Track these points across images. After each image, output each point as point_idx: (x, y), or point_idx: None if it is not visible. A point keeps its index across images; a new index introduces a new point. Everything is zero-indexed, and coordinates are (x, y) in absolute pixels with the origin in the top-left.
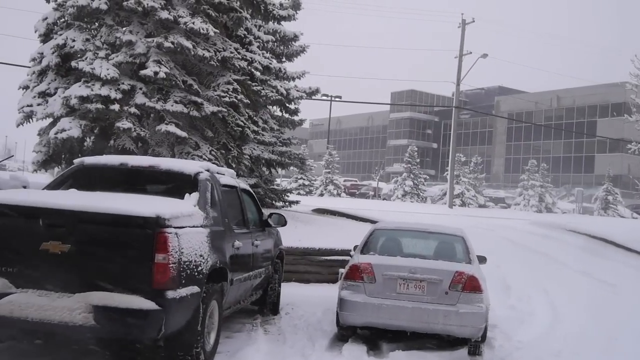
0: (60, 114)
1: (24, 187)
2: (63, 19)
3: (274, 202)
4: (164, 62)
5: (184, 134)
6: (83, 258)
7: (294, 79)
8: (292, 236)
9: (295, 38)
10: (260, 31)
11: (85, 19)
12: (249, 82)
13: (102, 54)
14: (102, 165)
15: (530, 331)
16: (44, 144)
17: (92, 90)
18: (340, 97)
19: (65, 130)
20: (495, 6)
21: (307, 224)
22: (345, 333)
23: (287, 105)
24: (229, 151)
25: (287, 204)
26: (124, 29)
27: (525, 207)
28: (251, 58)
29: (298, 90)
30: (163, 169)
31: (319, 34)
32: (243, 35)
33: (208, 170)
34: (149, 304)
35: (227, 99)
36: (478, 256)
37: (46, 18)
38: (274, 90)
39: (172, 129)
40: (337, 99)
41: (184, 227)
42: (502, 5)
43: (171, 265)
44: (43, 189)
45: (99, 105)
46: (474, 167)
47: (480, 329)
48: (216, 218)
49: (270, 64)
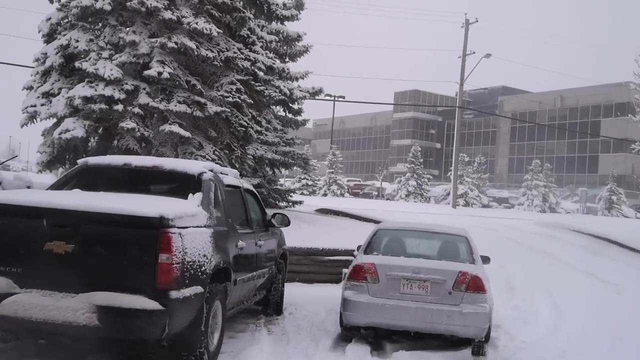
0: (63, 114)
1: (28, 187)
2: (67, 20)
3: (277, 202)
4: (167, 63)
5: (187, 134)
6: (87, 258)
7: (297, 79)
8: (296, 236)
9: (299, 38)
10: (264, 31)
11: (89, 19)
12: (253, 82)
13: (106, 54)
14: (106, 165)
15: (534, 331)
16: (48, 144)
17: (96, 90)
18: (343, 97)
19: (69, 131)
20: (498, 6)
21: (311, 224)
22: (348, 333)
23: (291, 105)
24: (232, 151)
25: (291, 204)
26: (127, 29)
27: (529, 207)
28: (254, 58)
29: (301, 90)
30: (167, 169)
31: (322, 34)
32: (246, 35)
33: (211, 170)
34: (153, 304)
35: (231, 99)
36: (482, 256)
37: (50, 18)
38: (278, 90)
39: (176, 129)
40: (341, 99)
41: (187, 227)
42: (505, 5)
43: (175, 265)
44: (47, 189)
45: (103, 106)
46: (477, 167)
47: (484, 329)
48: (220, 218)
49: (274, 64)
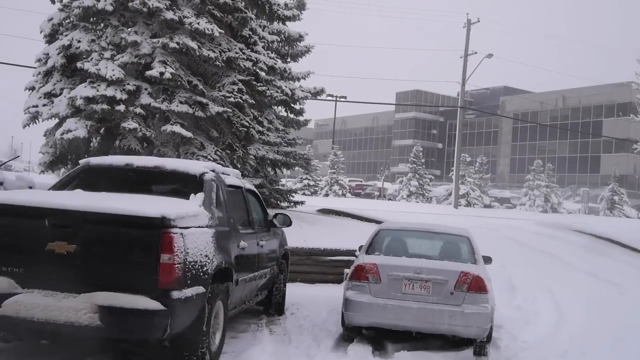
0: (65, 114)
1: (30, 188)
2: (68, 20)
3: (279, 203)
4: (169, 63)
5: (189, 135)
6: (89, 258)
7: (298, 79)
8: (297, 236)
9: (300, 38)
10: (265, 31)
11: (91, 19)
12: (254, 83)
13: (108, 54)
14: (108, 165)
15: (535, 331)
16: (51, 145)
17: (98, 90)
18: (345, 98)
19: (71, 131)
20: (500, 6)
21: (312, 224)
22: (350, 333)
23: (292, 105)
24: (234, 151)
25: (292, 204)
26: (129, 29)
27: (531, 207)
28: (256, 58)
29: (303, 91)
30: (168, 170)
31: (324, 34)
32: (248, 35)
33: (213, 170)
34: (155, 304)
35: (232, 99)
36: (483, 256)
37: (51, 19)
38: (279, 91)
39: (178, 129)
40: (342, 99)
41: (189, 228)
42: (507, 5)
43: (176, 265)
44: (49, 190)
45: (105, 106)
46: (479, 167)
47: (486, 329)
48: (221, 218)
49: (275, 64)
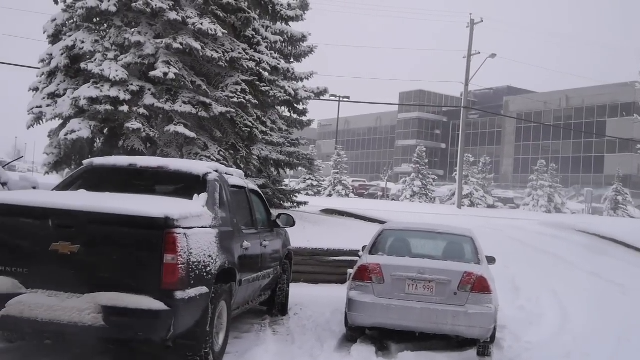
0: (69, 115)
1: (34, 188)
2: (72, 21)
3: (282, 203)
4: (172, 63)
5: (192, 135)
6: (92, 258)
7: (302, 79)
8: (301, 237)
9: (303, 38)
10: (268, 32)
11: (94, 20)
12: (257, 83)
13: (111, 55)
14: (111, 166)
15: (539, 332)
16: (55, 145)
17: (101, 91)
18: (348, 98)
19: (75, 131)
20: (503, 6)
21: (316, 224)
22: (353, 334)
23: (296, 105)
24: (237, 152)
25: (296, 204)
26: (132, 30)
27: (535, 208)
28: (259, 59)
29: (306, 91)
30: (172, 170)
31: (327, 34)
32: (251, 35)
33: (216, 170)
34: (158, 305)
35: (236, 100)
36: (487, 257)
37: (55, 19)
38: (282, 91)
39: (181, 129)
40: (346, 100)
41: (192, 228)
42: (510, 5)
43: (180, 265)
44: (52, 190)
45: (108, 107)
46: (482, 168)
47: (489, 329)
48: (225, 219)
49: (279, 65)
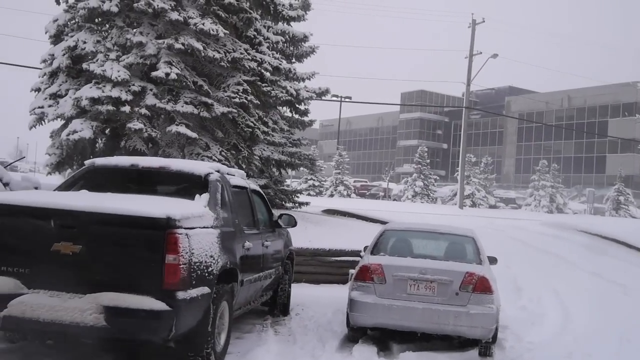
0: (70, 115)
1: (36, 189)
2: (74, 21)
3: (284, 203)
4: (174, 63)
5: (194, 135)
6: (94, 259)
7: (303, 79)
8: (302, 237)
9: (305, 39)
10: (270, 32)
11: (96, 20)
12: (259, 83)
13: (113, 55)
14: (113, 166)
15: (541, 332)
16: (57, 146)
17: (103, 91)
18: (350, 98)
19: (77, 132)
20: (505, 6)
21: (317, 224)
22: (355, 334)
23: (297, 105)
24: (239, 152)
25: (297, 204)
26: (134, 30)
27: (536, 208)
28: (261, 59)
29: (308, 91)
30: (173, 170)
31: (328, 34)
32: (253, 36)
33: (218, 171)
34: (160, 305)
35: (237, 100)
36: (489, 257)
37: (57, 19)
38: (284, 91)
39: (183, 129)
40: (347, 100)
41: (194, 228)
42: (512, 5)
43: (182, 266)
44: (54, 190)
45: (110, 107)
46: (484, 168)
47: (491, 330)
48: (226, 219)
49: (280, 65)
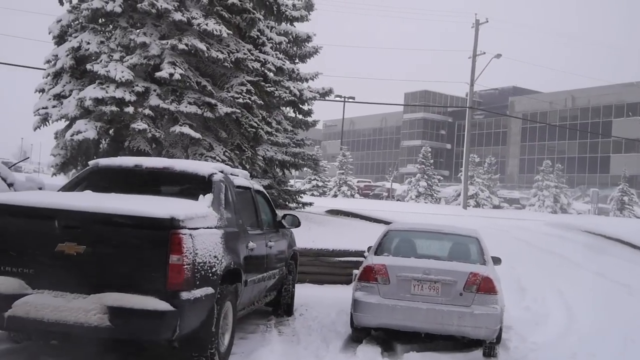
0: (74, 115)
1: (40, 189)
2: (77, 21)
3: (287, 203)
4: (178, 64)
5: (197, 135)
6: (98, 259)
7: (307, 79)
8: (306, 237)
9: (308, 39)
10: (273, 32)
11: (100, 21)
12: (263, 83)
13: (117, 56)
14: (117, 166)
15: (545, 332)
16: (61, 146)
17: (107, 92)
18: (353, 98)
19: (81, 132)
20: (508, 6)
21: (321, 225)
22: (359, 334)
23: (301, 106)
24: (242, 152)
25: (301, 205)
26: (138, 31)
27: (540, 208)
28: (264, 59)
29: (311, 91)
30: (177, 170)
31: (332, 34)
32: (256, 36)
33: (222, 171)
34: (164, 305)
35: (241, 100)
36: (492, 257)
37: (60, 20)
38: (287, 91)
39: (186, 130)
40: (351, 100)
41: (198, 229)
42: (515, 5)
43: (185, 266)
44: (58, 191)
45: (114, 108)
46: (488, 168)
47: (495, 330)
48: (230, 219)
49: (284, 65)
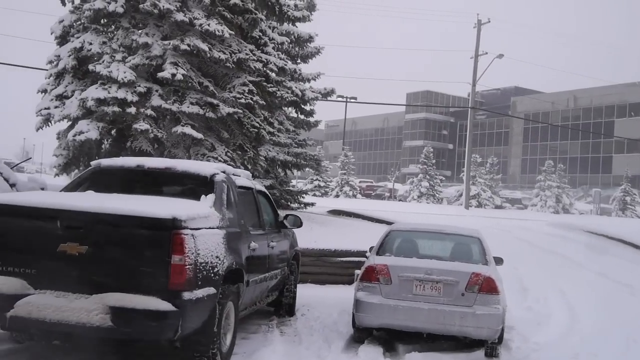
0: (76, 116)
1: (42, 189)
2: (79, 22)
3: (289, 204)
4: (180, 64)
5: (199, 136)
6: (100, 259)
7: (309, 80)
8: (308, 237)
9: (310, 39)
10: (275, 32)
11: (102, 21)
12: (265, 84)
13: (119, 56)
14: (119, 167)
15: (547, 333)
16: (63, 147)
17: (109, 92)
18: (355, 98)
19: (84, 133)
20: (510, 6)
21: (323, 225)
22: (361, 334)
23: (303, 106)
24: (244, 152)
25: (303, 205)
26: (140, 31)
27: (542, 208)
28: (266, 59)
29: (313, 92)
30: (179, 171)
31: (333, 34)
32: (258, 36)
33: (224, 171)
34: (166, 305)
35: (243, 100)
36: (494, 257)
37: (62, 20)
38: (289, 92)
39: (188, 130)
40: (353, 100)
41: (200, 229)
42: (518, 5)
43: (187, 266)
44: (60, 191)
45: (116, 108)
46: (490, 168)
47: (497, 330)
48: (232, 219)
49: (286, 65)
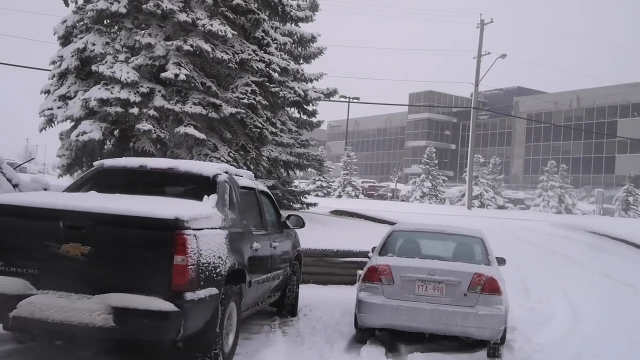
0: (79, 116)
1: (45, 190)
2: (82, 22)
3: (291, 204)
4: (183, 64)
5: (202, 136)
6: (103, 260)
7: (311, 80)
8: (310, 238)
9: (313, 39)
10: (278, 33)
11: (105, 22)
12: (267, 84)
13: (122, 57)
14: (122, 167)
15: (549, 333)
16: (66, 147)
17: (112, 93)
18: (357, 99)
19: (87, 133)
20: (513, 6)
21: (325, 225)
22: (363, 335)
23: (305, 106)
24: (247, 153)
25: (305, 205)
26: (143, 32)
27: (545, 209)
28: (269, 60)
29: (316, 92)
30: (182, 171)
31: (336, 35)
32: (261, 37)
33: (226, 172)
34: (168, 306)
35: (246, 101)
36: (497, 257)
37: (65, 21)
38: (292, 92)
39: (191, 131)
40: (355, 101)
41: (202, 229)
42: (520, 5)
43: (190, 267)
44: (63, 191)
45: (119, 109)
46: (492, 168)
47: (500, 330)
48: (234, 220)
49: (288, 66)
